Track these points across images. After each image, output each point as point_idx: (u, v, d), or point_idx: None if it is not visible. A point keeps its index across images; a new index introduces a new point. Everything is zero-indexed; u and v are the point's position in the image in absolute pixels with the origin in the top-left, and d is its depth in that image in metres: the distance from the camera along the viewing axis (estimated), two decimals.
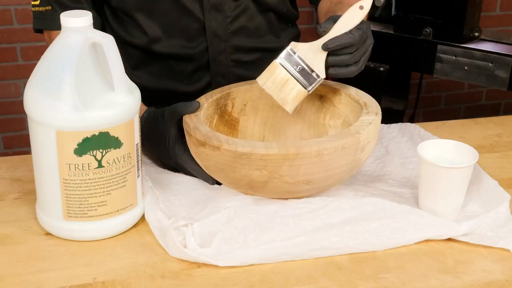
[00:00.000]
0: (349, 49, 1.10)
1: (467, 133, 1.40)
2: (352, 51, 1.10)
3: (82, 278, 0.94)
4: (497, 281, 0.95)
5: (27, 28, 2.58)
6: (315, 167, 1.01)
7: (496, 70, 2.17)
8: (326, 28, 1.10)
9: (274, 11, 1.37)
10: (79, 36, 0.96)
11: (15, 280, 0.94)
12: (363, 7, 1.10)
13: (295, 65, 1.11)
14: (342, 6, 1.26)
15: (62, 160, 0.97)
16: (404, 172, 1.21)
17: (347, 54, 1.10)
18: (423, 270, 0.97)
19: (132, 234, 1.05)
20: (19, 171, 1.23)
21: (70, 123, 0.95)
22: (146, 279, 0.94)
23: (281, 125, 1.26)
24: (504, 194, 1.11)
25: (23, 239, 1.03)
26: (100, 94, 0.97)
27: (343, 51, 1.10)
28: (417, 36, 2.26)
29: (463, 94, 3.18)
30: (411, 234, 1.01)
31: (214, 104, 1.19)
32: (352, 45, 1.10)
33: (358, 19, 1.10)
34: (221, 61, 1.35)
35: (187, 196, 1.12)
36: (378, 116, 1.09)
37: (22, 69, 2.65)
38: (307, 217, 1.03)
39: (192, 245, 0.97)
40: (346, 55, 1.10)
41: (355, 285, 0.93)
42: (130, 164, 1.01)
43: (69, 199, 0.99)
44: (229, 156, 1.01)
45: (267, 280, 0.94)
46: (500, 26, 3.05)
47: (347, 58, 1.10)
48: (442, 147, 1.10)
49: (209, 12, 1.30)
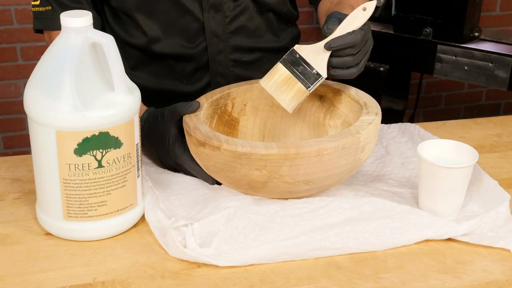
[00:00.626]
0: (352, 50, 1.10)
1: (467, 133, 1.40)
2: (354, 52, 1.11)
3: (82, 278, 0.94)
4: (497, 281, 0.95)
5: (27, 28, 2.58)
6: (315, 167, 1.01)
7: (496, 70, 2.17)
8: (332, 29, 1.11)
9: (274, 11, 1.37)
10: (79, 36, 0.96)
11: (15, 280, 0.94)
12: (366, 8, 1.11)
13: (297, 65, 1.11)
14: (342, 7, 1.26)
15: (62, 160, 0.97)
16: (404, 172, 1.21)
17: (350, 56, 1.11)
18: (423, 270, 0.97)
19: (132, 234, 1.05)
20: (19, 171, 1.23)
21: (70, 123, 0.95)
22: (146, 279, 0.94)
23: (281, 125, 1.26)
24: (504, 194, 1.11)
25: (23, 239, 1.03)
26: (100, 94, 0.97)
27: (346, 52, 1.10)
28: (417, 36, 2.26)
29: (463, 94, 3.18)
30: (411, 234, 1.01)
31: (214, 104, 1.19)
32: (354, 46, 1.10)
33: (361, 21, 1.11)
34: (220, 61, 1.35)
35: (187, 196, 1.12)
36: (378, 116, 1.09)
37: (22, 69, 2.65)
38: (307, 217, 1.03)
39: (192, 245, 0.97)
40: (348, 57, 1.11)
41: (355, 285, 0.93)
42: (130, 164, 1.01)
43: (69, 199, 0.99)
44: (229, 156, 1.01)
45: (267, 280, 0.94)
46: (500, 26, 3.05)
47: (350, 59, 1.11)
48: (442, 147, 1.10)
49: (208, 12, 1.30)
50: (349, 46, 1.10)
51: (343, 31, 1.11)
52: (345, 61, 1.11)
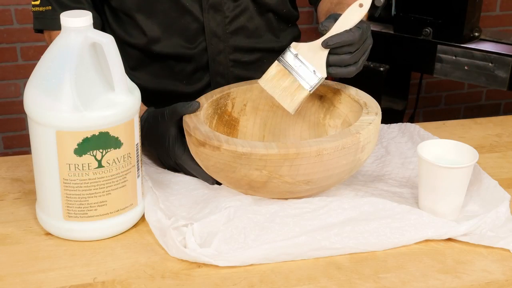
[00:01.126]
0: (349, 48, 1.10)
1: (467, 133, 1.40)
2: (352, 50, 1.10)
3: (82, 278, 0.94)
4: (497, 281, 0.95)
5: (27, 28, 2.58)
6: (315, 167, 1.01)
7: (496, 70, 2.17)
8: (327, 26, 1.11)
9: (274, 11, 1.37)
10: (79, 36, 0.96)
11: (15, 280, 0.94)
12: (363, 5, 1.10)
13: (296, 65, 1.11)
14: (342, 7, 1.26)
15: (62, 160, 0.97)
16: (404, 172, 1.21)
17: (347, 54, 1.10)
18: (423, 270, 0.97)
19: (132, 234, 1.05)
20: (19, 171, 1.23)
21: (70, 123, 0.95)
22: (146, 279, 0.94)
23: (281, 125, 1.26)
24: (504, 194, 1.11)
25: (23, 239, 1.03)
26: (100, 94, 0.97)
27: (343, 49, 1.10)
28: (417, 36, 2.26)
29: (463, 94, 3.18)
30: (411, 234, 1.01)
31: (214, 104, 1.19)
32: (352, 44, 1.10)
33: (358, 17, 1.10)
34: (220, 61, 1.35)
35: (187, 196, 1.12)
36: (378, 116, 1.09)
37: (22, 69, 2.65)
38: (307, 217, 1.03)
39: (192, 245, 0.97)
40: (346, 55, 1.10)
41: (355, 285, 0.93)
42: (130, 164, 1.01)
43: (69, 199, 0.99)
44: (229, 156, 1.01)
45: (267, 280, 0.94)
46: (500, 26, 3.05)
47: (347, 58, 1.10)
48: (442, 147, 1.10)
49: (208, 12, 1.30)
50: (346, 44, 1.09)
51: (340, 28, 1.10)
52: (343, 59, 1.11)
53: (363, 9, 1.10)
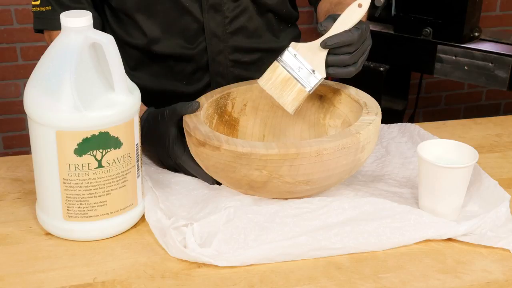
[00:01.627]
0: (348, 48, 1.10)
1: (467, 133, 1.40)
2: (351, 50, 1.10)
3: (82, 278, 0.94)
4: (497, 281, 0.95)
5: (27, 28, 2.58)
6: (315, 167, 1.01)
7: (496, 70, 2.17)
8: (326, 26, 1.10)
9: (274, 11, 1.37)
10: (79, 36, 0.96)
11: (15, 280, 0.94)
12: (362, 5, 1.10)
13: (295, 65, 1.11)
14: (341, 7, 1.26)
15: (62, 160, 0.97)
16: (404, 172, 1.21)
17: (346, 54, 1.10)
18: (423, 270, 0.97)
19: (132, 234, 1.05)
20: (19, 171, 1.23)
21: (70, 123, 0.95)
22: (146, 279, 0.94)
23: (281, 125, 1.26)
24: (504, 194, 1.11)
25: (23, 239, 1.03)
26: (100, 94, 0.97)
27: (342, 50, 1.10)
28: (417, 36, 2.26)
29: (463, 94, 3.18)
30: (411, 234, 1.01)
31: (214, 104, 1.19)
32: (351, 44, 1.09)
33: (357, 17, 1.10)
34: (220, 61, 1.35)
35: (187, 196, 1.12)
36: (378, 116, 1.09)
37: (22, 69, 2.65)
38: (307, 217, 1.03)
39: (192, 245, 0.97)
40: (345, 55, 1.10)
41: (355, 285, 0.93)
42: (130, 164, 1.01)
43: (69, 199, 0.99)
44: (229, 156, 1.01)
45: (267, 280, 0.94)
46: (500, 26, 3.05)
47: (347, 58, 1.10)
48: (442, 147, 1.10)
49: (208, 13, 1.30)
50: (345, 45, 1.09)
51: (339, 28, 1.10)
52: (342, 59, 1.11)
53: (362, 10, 1.10)
